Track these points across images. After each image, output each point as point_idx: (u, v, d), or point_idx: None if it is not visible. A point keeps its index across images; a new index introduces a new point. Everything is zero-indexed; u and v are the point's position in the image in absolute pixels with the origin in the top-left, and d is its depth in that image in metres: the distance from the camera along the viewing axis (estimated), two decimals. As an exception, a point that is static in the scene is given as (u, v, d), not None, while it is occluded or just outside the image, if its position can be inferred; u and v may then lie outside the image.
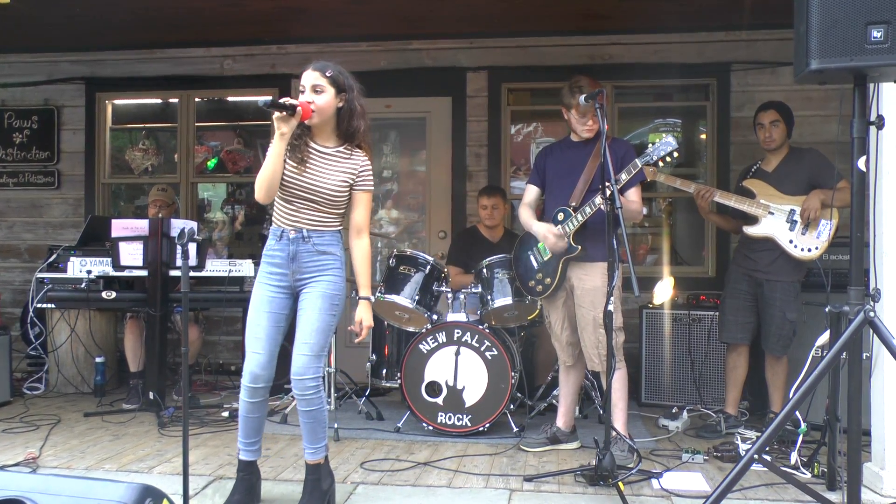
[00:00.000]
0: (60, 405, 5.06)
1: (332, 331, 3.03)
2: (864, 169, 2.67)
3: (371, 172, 3.08)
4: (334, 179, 3.00)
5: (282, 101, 2.82)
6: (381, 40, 6.06)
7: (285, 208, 3.02)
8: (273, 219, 3.07)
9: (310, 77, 2.95)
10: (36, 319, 5.45)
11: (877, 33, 2.50)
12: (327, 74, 2.95)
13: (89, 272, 4.82)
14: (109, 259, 4.73)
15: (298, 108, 2.83)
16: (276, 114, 2.80)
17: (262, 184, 2.91)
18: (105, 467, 3.65)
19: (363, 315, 3.06)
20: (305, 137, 2.98)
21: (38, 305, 4.94)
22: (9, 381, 5.05)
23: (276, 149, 2.86)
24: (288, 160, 2.95)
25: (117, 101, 6.69)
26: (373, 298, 3.07)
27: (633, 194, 3.76)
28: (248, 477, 3.10)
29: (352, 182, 3.03)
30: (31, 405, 5.00)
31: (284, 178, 2.96)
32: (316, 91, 2.93)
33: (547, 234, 3.83)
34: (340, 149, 3.04)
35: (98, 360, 5.32)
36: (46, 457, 3.82)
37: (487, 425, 4.24)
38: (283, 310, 3.03)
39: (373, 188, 3.11)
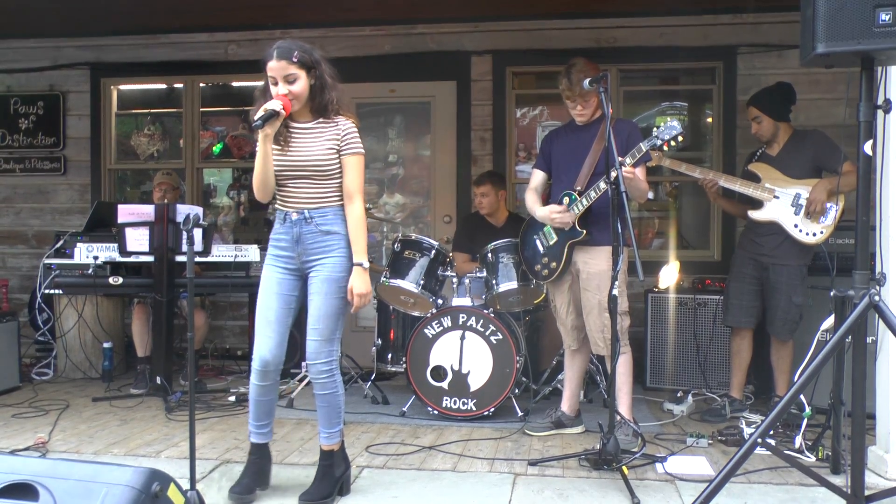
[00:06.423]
0: (69, 390, 5.10)
1: (341, 313, 3.01)
2: (870, 153, 2.66)
3: (356, 135, 3.02)
4: (320, 149, 2.97)
5: (268, 109, 2.81)
6: (384, 24, 6.04)
7: (282, 191, 3.02)
8: (276, 204, 3.08)
9: (279, 69, 2.89)
10: (44, 305, 5.47)
11: (885, 16, 2.47)
12: (294, 60, 2.90)
13: (96, 258, 4.84)
14: (116, 245, 4.75)
15: (282, 111, 2.84)
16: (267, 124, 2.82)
17: (259, 185, 2.96)
18: (113, 452, 3.68)
19: (355, 282, 2.97)
20: (283, 120, 2.95)
21: (46, 291, 4.97)
22: (17, 367, 5.09)
23: (264, 150, 2.88)
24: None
25: (122, 87, 6.70)
26: (366, 264, 3.02)
27: (639, 174, 3.73)
28: (258, 460, 3.12)
29: (338, 148, 2.99)
30: (40, 390, 5.05)
31: (273, 163, 2.95)
32: (289, 81, 2.90)
33: (551, 216, 3.82)
34: (319, 120, 3.02)
35: (105, 345, 5.35)
36: (56, 441, 3.85)
37: (492, 409, 4.25)
38: (292, 291, 3.04)
39: (361, 151, 3.03)
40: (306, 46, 2.97)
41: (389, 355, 4.86)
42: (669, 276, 5.09)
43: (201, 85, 6.52)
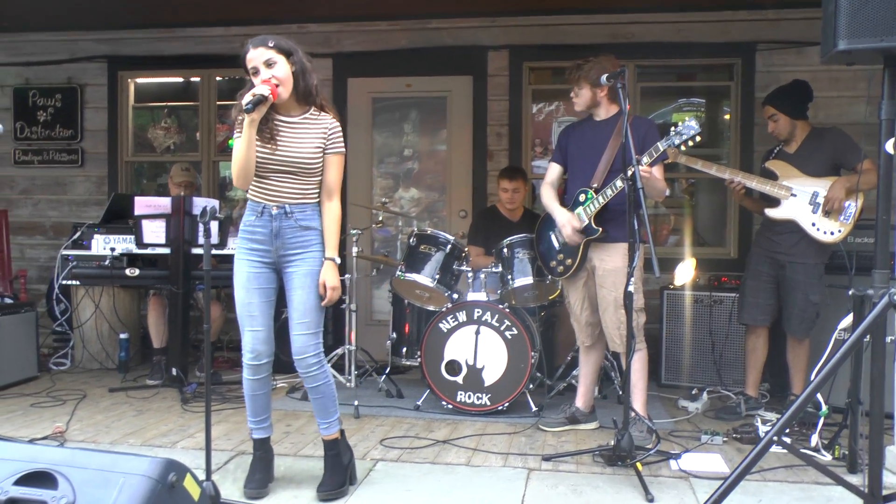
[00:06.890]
0: (86, 381, 5.14)
1: (322, 306, 3.04)
2: (892, 152, 2.63)
3: (341, 134, 3.05)
4: (308, 147, 2.97)
5: (256, 93, 2.78)
6: (400, 19, 6.02)
7: (262, 184, 2.99)
8: (249, 194, 3.04)
9: (258, 55, 2.88)
10: (61, 296, 5.52)
11: (910, 12, 2.45)
12: (271, 45, 2.90)
13: (113, 249, 4.87)
14: (133, 236, 4.79)
15: (270, 96, 2.81)
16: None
17: (240, 172, 2.89)
18: (129, 442, 3.72)
19: (327, 276, 2.99)
20: (271, 112, 2.93)
21: (63, 282, 5.02)
22: (36, 357, 5.15)
23: (248, 135, 2.83)
24: (257, 139, 2.91)
25: (139, 80, 6.73)
26: (338, 260, 3.05)
27: (657, 173, 3.72)
28: (265, 455, 3.14)
29: (324, 146, 3.00)
30: (58, 380, 5.10)
31: (257, 157, 2.92)
32: (269, 65, 2.89)
33: (566, 225, 3.81)
34: (306, 115, 3.01)
35: (122, 336, 5.38)
36: (73, 431, 3.89)
37: (506, 404, 4.25)
38: (270, 284, 3.04)
39: (344, 150, 3.06)
40: (280, 36, 2.98)
41: (404, 349, 4.87)
42: (685, 273, 5.07)
43: (217, 78, 6.54)
